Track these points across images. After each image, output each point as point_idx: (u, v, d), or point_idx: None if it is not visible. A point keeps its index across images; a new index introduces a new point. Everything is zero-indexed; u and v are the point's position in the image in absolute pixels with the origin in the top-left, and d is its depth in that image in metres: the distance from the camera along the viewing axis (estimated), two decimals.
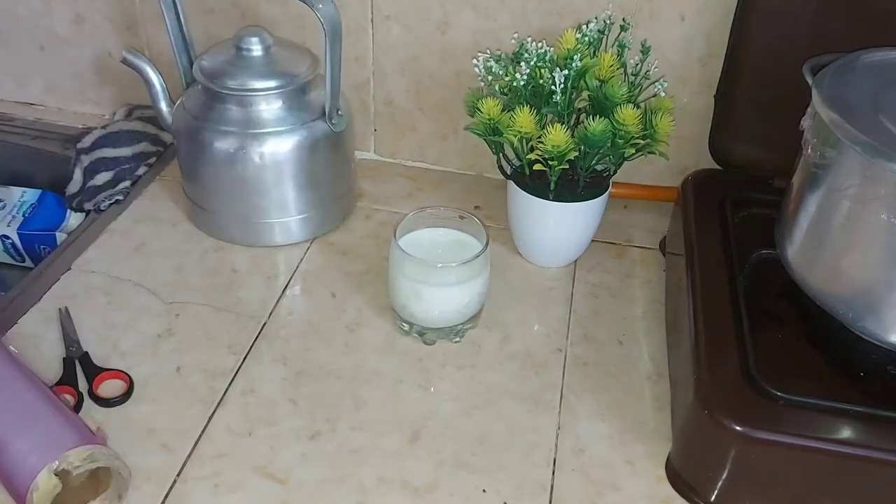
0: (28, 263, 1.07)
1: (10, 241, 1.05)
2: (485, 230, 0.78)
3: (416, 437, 0.70)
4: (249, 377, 0.75)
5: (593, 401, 0.75)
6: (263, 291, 0.85)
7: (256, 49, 0.86)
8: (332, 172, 0.92)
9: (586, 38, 0.82)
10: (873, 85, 0.67)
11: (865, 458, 0.60)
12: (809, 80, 0.68)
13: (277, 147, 0.85)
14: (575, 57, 0.78)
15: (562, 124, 0.78)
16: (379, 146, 1.07)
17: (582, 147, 0.78)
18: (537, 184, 0.83)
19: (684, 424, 0.67)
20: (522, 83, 0.79)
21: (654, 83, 0.82)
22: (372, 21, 0.97)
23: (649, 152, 0.81)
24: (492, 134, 0.82)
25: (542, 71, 0.79)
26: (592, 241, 0.91)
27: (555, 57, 0.81)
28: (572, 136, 0.78)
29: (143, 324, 0.80)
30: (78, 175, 1.01)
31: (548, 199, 0.83)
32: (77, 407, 0.70)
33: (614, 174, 0.85)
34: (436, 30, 0.96)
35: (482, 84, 0.84)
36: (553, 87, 0.78)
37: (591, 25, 0.82)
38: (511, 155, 0.85)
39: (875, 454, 0.60)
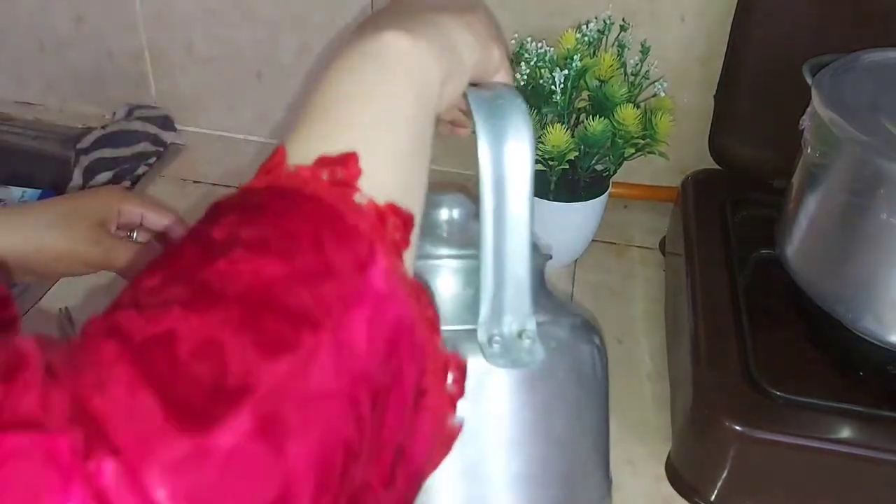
0: None
1: None
2: None
3: None
4: None
5: None
6: None
7: None
8: None
9: (586, 39, 0.81)
10: (873, 85, 0.67)
11: (865, 457, 0.60)
12: (809, 81, 0.68)
13: None
14: (575, 57, 0.78)
15: (562, 124, 0.78)
16: None
17: (582, 147, 0.78)
18: (537, 183, 0.82)
19: (684, 424, 0.67)
20: (522, 83, 0.79)
21: (653, 83, 0.82)
22: None
23: (649, 152, 0.81)
24: None
25: (542, 71, 0.79)
26: (592, 240, 0.91)
27: (555, 57, 0.81)
28: (572, 136, 0.78)
29: None
30: (78, 175, 1.01)
31: (548, 198, 0.83)
32: None
33: (614, 174, 0.85)
34: None
35: None
36: (553, 88, 0.78)
37: (591, 25, 0.82)
38: None
39: (875, 454, 0.60)
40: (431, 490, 0.43)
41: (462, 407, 0.39)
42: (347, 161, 0.35)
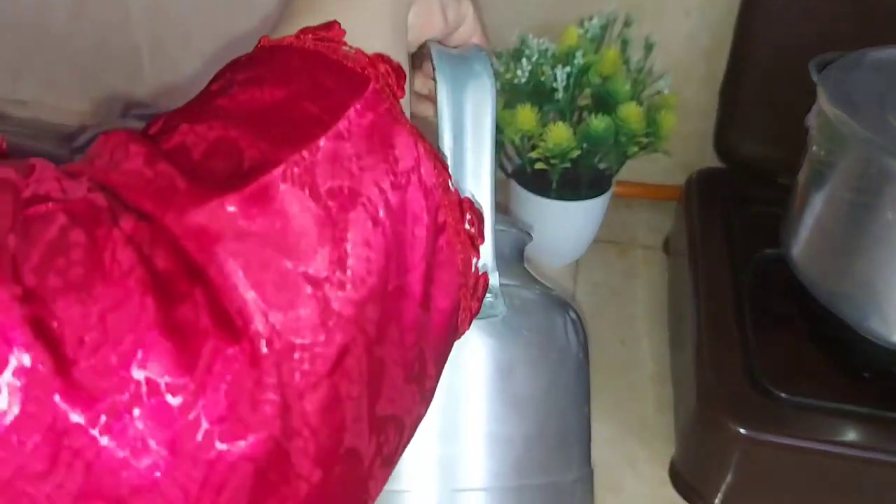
0: None
1: None
2: None
3: None
4: None
5: (594, 401, 0.73)
6: None
7: None
8: None
9: (588, 35, 0.81)
10: (880, 82, 0.66)
11: (871, 460, 0.60)
12: (815, 77, 0.67)
13: None
14: (577, 53, 0.77)
15: (563, 122, 0.77)
16: None
17: (584, 145, 0.77)
18: (539, 182, 0.82)
19: (687, 426, 0.66)
20: (524, 81, 0.78)
21: (657, 80, 0.81)
22: None
23: (653, 150, 0.80)
24: None
25: (544, 68, 0.78)
26: (594, 240, 0.90)
27: (556, 53, 0.80)
28: (574, 133, 0.77)
29: None
30: None
31: (549, 197, 0.82)
32: None
33: (616, 172, 0.84)
34: None
35: None
36: (554, 85, 0.77)
37: (594, 21, 0.81)
38: (512, 152, 0.84)
39: (881, 456, 0.60)
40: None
41: None
42: (330, 26, 0.36)
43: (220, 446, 0.25)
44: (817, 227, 0.68)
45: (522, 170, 0.83)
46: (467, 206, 0.38)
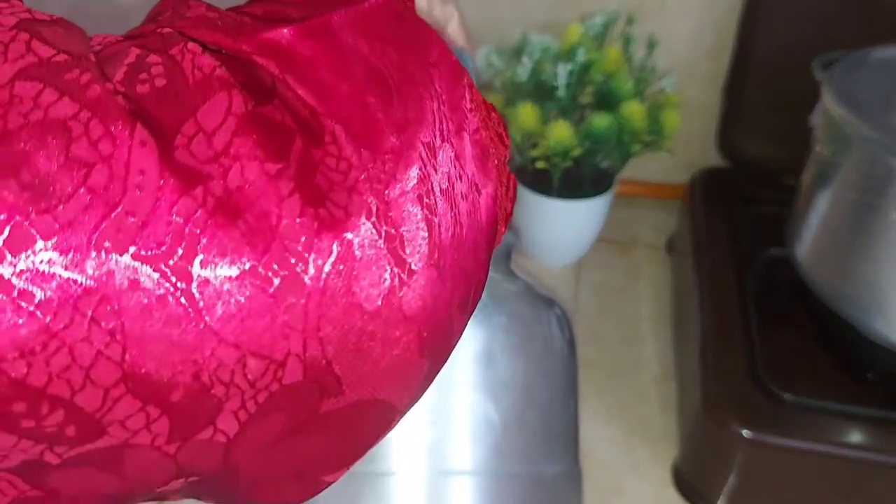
0: None
1: None
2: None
3: None
4: None
5: (597, 402, 0.73)
6: None
7: None
8: None
9: (591, 32, 0.80)
10: (884, 81, 0.66)
11: (875, 462, 0.60)
12: (819, 76, 0.67)
13: None
14: (579, 51, 0.77)
15: (565, 120, 0.76)
16: None
17: (586, 143, 0.77)
18: (541, 181, 0.82)
19: (691, 427, 0.66)
20: (525, 78, 0.78)
21: (661, 78, 0.80)
22: None
23: (656, 149, 0.80)
24: None
25: (546, 65, 0.78)
26: (597, 239, 0.89)
27: (559, 51, 0.79)
28: (576, 132, 0.76)
29: None
30: None
31: (551, 196, 0.82)
32: None
33: (619, 171, 0.84)
34: None
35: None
36: (556, 83, 0.77)
37: (597, 19, 0.81)
38: (512, 151, 0.84)
39: (885, 458, 0.60)
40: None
41: None
42: None
43: (319, 233, 0.26)
44: (822, 227, 0.67)
45: (524, 169, 0.82)
46: (490, 106, 0.39)
